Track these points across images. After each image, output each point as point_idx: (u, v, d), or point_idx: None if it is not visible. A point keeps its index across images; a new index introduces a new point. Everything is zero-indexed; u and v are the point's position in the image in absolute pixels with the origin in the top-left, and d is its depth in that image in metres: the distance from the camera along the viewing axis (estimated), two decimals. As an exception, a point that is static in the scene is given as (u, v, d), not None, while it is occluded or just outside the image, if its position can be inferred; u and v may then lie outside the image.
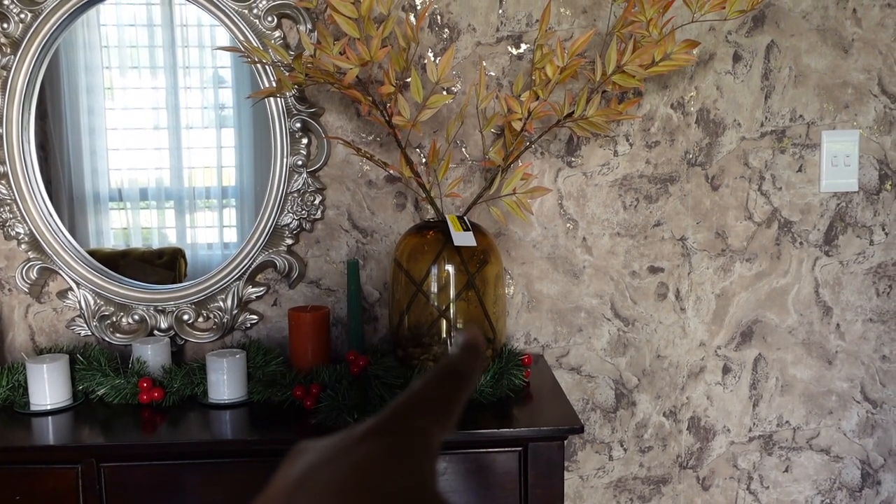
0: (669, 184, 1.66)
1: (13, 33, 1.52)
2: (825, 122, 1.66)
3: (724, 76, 1.63)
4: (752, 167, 1.66)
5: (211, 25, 1.61)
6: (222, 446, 1.29)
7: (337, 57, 1.34)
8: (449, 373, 0.37)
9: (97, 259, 1.62)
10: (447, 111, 1.60)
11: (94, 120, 1.64)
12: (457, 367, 0.38)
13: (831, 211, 1.68)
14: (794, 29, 1.62)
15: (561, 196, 1.66)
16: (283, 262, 1.61)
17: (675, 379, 1.72)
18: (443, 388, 0.36)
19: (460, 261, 1.42)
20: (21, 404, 1.41)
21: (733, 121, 1.65)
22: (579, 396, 1.72)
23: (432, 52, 1.60)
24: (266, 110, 1.56)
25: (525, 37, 1.61)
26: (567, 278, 1.68)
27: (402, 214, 1.65)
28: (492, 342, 1.46)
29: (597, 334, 1.70)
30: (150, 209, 1.69)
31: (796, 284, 1.70)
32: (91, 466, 1.27)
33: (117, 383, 1.43)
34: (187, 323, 1.63)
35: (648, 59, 1.37)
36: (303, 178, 1.59)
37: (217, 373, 1.41)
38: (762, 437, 1.75)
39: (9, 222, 1.58)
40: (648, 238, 1.67)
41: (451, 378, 0.37)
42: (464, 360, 0.39)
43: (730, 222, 1.68)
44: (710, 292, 1.70)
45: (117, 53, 1.64)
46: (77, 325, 1.63)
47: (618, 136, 1.64)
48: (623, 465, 1.75)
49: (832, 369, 1.74)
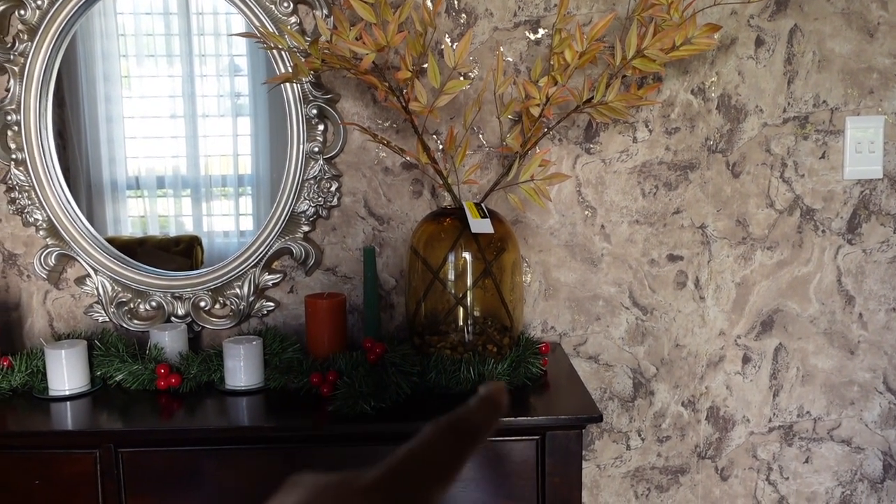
0: (689, 171, 1.64)
1: (30, 20, 1.52)
2: (849, 107, 1.62)
3: (746, 61, 1.61)
4: (774, 154, 1.64)
5: (227, 13, 1.60)
6: (239, 433, 1.29)
7: (353, 42, 1.33)
8: (463, 430, 0.34)
9: (115, 247, 1.62)
10: (464, 97, 1.59)
11: (112, 108, 1.64)
12: (472, 424, 0.35)
13: (855, 198, 1.65)
14: (818, 13, 1.59)
15: (579, 183, 1.64)
16: (300, 250, 1.61)
17: (694, 368, 1.71)
18: (453, 446, 0.34)
19: (477, 248, 1.41)
20: (40, 389, 1.42)
21: (755, 107, 1.62)
22: (597, 385, 1.71)
23: (449, 38, 1.58)
24: (282, 97, 1.56)
25: (543, 21, 1.59)
26: (585, 266, 1.66)
27: (419, 201, 1.64)
28: (509, 330, 1.45)
29: (615, 323, 1.69)
30: (167, 197, 1.69)
31: (818, 273, 1.68)
32: (109, 452, 1.27)
33: (135, 369, 1.44)
34: (204, 310, 1.63)
35: (669, 44, 1.35)
36: (319, 165, 1.58)
37: (234, 359, 1.41)
38: (782, 428, 1.73)
39: (27, 209, 1.58)
40: (668, 226, 1.65)
41: (463, 436, 0.34)
42: (481, 418, 0.35)
43: (751, 210, 1.65)
44: (730, 281, 1.68)
45: (134, 42, 1.64)
46: (95, 312, 1.64)
47: (637, 122, 1.62)
48: (641, 454, 1.73)
49: (854, 359, 1.71)
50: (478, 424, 0.35)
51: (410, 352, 1.42)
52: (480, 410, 0.36)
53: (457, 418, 0.35)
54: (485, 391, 0.37)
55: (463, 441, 0.34)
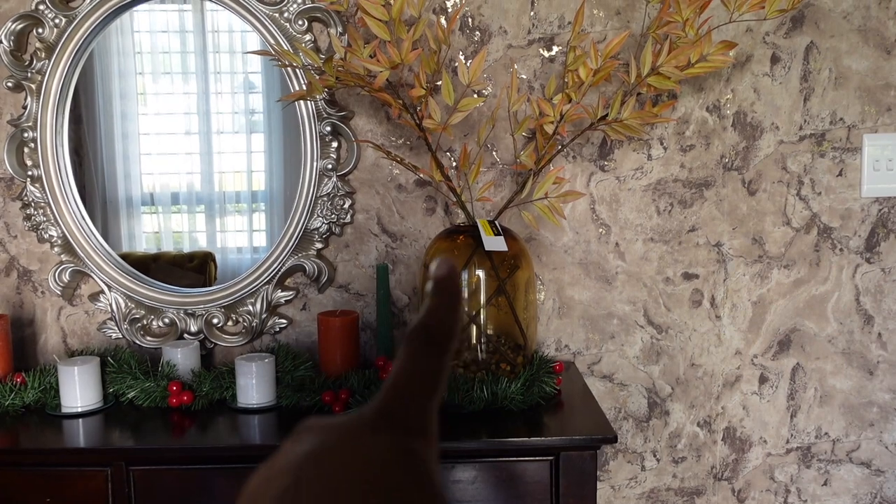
0: (705, 188, 1.62)
1: (48, 38, 1.53)
2: (867, 125, 1.61)
3: (762, 78, 1.60)
4: (790, 171, 1.62)
5: (242, 31, 1.61)
6: (251, 451, 1.28)
7: (367, 60, 1.33)
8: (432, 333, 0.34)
9: (129, 262, 1.63)
10: (478, 114, 1.58)
11: (128, 125, 1.65)
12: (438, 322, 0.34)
13: (873, 217, 1.64)
14: (834, 30, 1.58)
15: (593, 200, 1.63)
16: (313, 267, 1.60)
17: (710, 388, 1.68)
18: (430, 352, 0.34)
19: (491, 266, 1.40)
20: (52, 406, 1.42)
21: (771, 124, 1.61)
22: (611, 405, 1.69)
23: (463, 55, 1.59)
24: (296, 114, 1.56)
25: (557, 39, 1.58)
26: (599, 284, 1.65)
27: (432, 219, 1.63)
28: (522, 349, 1.44)
29: (629, 341, 1.67)
30: (182, 213, 1.69)
31: (836, 292, 1.66)
32: (120, 469, 1.27)
33: (147, 386, 1.43)
34: (217, 327, 1.63)
35: (684, 61, 1.35)
36: (332, 182, 1.58)
37: (246, 377, 1.41)
38: (800, 449, 1.70)
39: (42, 225, 1.59)
40: (683, 244, 1.64)
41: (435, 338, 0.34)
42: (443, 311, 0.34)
43: (767, 228, 1.64)
44: (746, 299, 1.66)
45: (150, 59, 1.65)
46: (108, 328, 1.64)
47: (651, 139, 1.61)
48: (656, 475, 1.71)
49: (873, 380, 1.68)
50: (442, 320, 0.34)
51: (423, 370, 1.40)
52: (439, 303, 0.35)
53: (421, 323, 0.34)
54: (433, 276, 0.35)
55: (437, 343, 0.34)
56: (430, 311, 0.35)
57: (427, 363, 0.34)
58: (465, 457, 1.28)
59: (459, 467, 1.28)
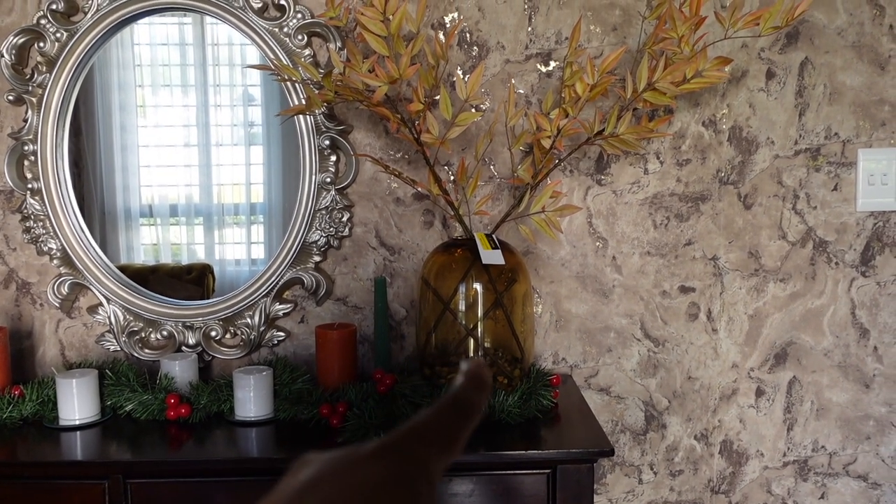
0: (701, 202, 1.63)
1: (49, 52, 1.54)
2: (861, 139, 1.62)
3: (757, 93, 1.61)
4: (786, 186, 1.63)
5: (241, 44, 1.62)
6: (248, 464, 1.29)
7: (366, 74, 1.34)
8: (453, 404, 0.38)
9: (127, 274, 1.63)
10: (476, 129, 1.60)
11: (127, 137, 1.66)
12: (460, 398, 0.38)
13: (868, 231, 1.65)
14: (828, 46, 1.60)
15: (590, 214, 1.64)
16: (311, 280, 1.61)
17: (707, 401, 1.69)
18: (447, 419, 0.37)
19: (488, 279, 1.41)
20: (50, 419, 1.42)
21: (766, 139, 1.62)
22: (608, 418, 1.69)
23: (461, 70, 1.60)
24: (295, 128, 1.57)
25: (554, 54, 1.60)
26: (596, 297, 1.66)
27: (430, 232, 1.64)
28: (519, 362, 1.44)
29: (626, 355, 1.68)
30: (180, 225, 1.70)
31: (832, 306, 1.67)
32: (118, 482, 1.27)
33: (145, 399, 1.44)
34: (215, 339, 1.63)
35: (680, 77, 1.36)
36: (331, 196, 1.59)
37: (244, 390, 1.41)
38: (797, 463, 1.71)
39: (42, 238, 1.60)
40: (679, 257, 1.65)
41: (454, 409, 0.38)
42: (467, 391, 0.39)
43: (763, 242, 1.65)
44: (742, 313, 1.67)
45: (150, 72, 1.66)
46: (106, 341, 1.64)
47: (648, 154, 1.62)
48: (653, 488, 1.71)
49: (869, 393, 1.69)
50: (471, 401, 0.38)
51: (421, 383, 1.41)
52: (467, 385, 0.39)
53: (453, 396, 0.38)
54: (466, 369, 0.40)
55: (460, 417, 0.37)
56: (462, 388, 0.39)
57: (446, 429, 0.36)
58: (462, 470, 1.28)
59: (456, 480, 1.28)
